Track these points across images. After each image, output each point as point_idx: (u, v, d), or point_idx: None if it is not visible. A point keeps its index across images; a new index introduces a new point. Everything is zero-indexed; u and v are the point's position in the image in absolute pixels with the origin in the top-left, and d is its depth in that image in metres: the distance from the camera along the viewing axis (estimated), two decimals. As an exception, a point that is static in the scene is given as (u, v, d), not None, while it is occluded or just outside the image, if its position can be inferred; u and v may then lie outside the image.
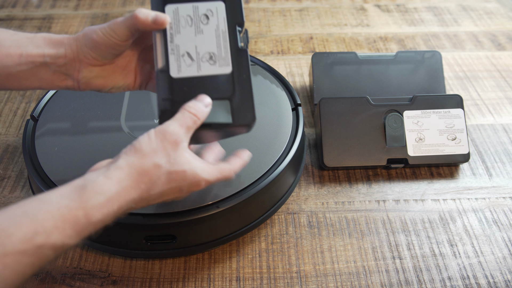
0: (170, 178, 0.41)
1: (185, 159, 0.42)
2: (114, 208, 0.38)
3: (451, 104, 0.65)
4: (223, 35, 0.46)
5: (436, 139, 0.63)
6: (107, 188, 0.37)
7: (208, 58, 0.46)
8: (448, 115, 0.64)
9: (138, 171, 0.39)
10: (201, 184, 0.43)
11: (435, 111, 0.64)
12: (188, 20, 0.46)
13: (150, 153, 0.40)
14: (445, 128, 0.63)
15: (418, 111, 0.64)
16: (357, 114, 0.63)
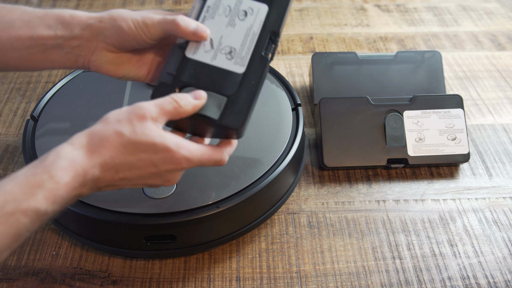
0: (136, 148, 0.39)
1: (154, 131, 0.39)
2: (79, 171, 0.37)
3: (451, 104, 0.65)
4: (252, 36, 0.45)
5: (436, 139, 0.63)
6: (69, 152, 0.37)
7: (227, 52, 0.45)
8: (448, 115, 0.64)
9: (99, 136, 0.38)
10: (181, 162, 0.41)
11: (435, 111, 0.64)
12: (226, 10, 0.46)
13: (113, 122, 0.39)
14: (445, 128, 0.63)
15: (418, 111, 0.64)
16: (357, 114, 0.64)
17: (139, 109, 0.40)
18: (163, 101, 0.41)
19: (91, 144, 0.38)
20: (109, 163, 0.38)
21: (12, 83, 0.80)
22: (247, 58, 0.45)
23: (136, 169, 0.40)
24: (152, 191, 0.52)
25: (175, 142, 0.40)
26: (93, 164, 0.38)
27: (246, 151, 0.57)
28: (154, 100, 0.41)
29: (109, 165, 0.39)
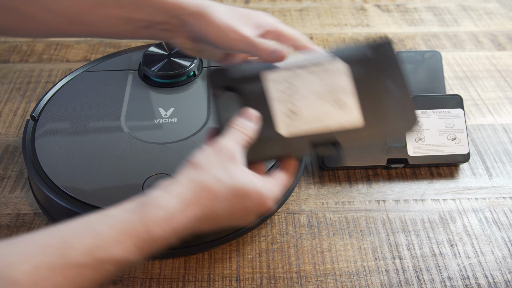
0: (233, 194, 0.39)
1: (244, 174, 0.40)
2: (174, 224, 0.36)
3: (451, 104, 0.65)
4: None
5: (436, 139, 0.63)
6: (167, 202, 0.36)
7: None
8: (448, 115, 0.64)
9: (198, 184, 0.38)
10: (268, 203, 0.41)
11: (435, 111, 0.64)
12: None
13: (208, 167, 0.39)
14: (445, 128, 0.63)
15: (418, 111, 0.64)
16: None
17: (226, 149, 0.40)
18: (236, 135, 0.42)
19: (190, 193, 0.37)
20: (209, 214, 0.38)
21: (12, 83, 0.80)
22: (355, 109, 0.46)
23: (231, 216, 0.40)
24: (152, 191, 0.52)
25: (262, 185, 0.41)
26: (192, 216, 0.37)
27: (246, 151, 0.57)
28: (229, 137, 0.42)
29: (208, 215, 0.38)
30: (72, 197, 0.52)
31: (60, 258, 0.31)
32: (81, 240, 0.32)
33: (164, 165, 0.55)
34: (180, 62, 0.67)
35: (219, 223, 0.40)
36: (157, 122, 0.61)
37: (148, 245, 0.35)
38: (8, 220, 0.59)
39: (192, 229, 0.38)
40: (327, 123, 0.45)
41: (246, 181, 0.40)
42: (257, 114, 0.44)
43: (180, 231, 0.37)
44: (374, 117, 0.45)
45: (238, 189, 0.39)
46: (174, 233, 0.36)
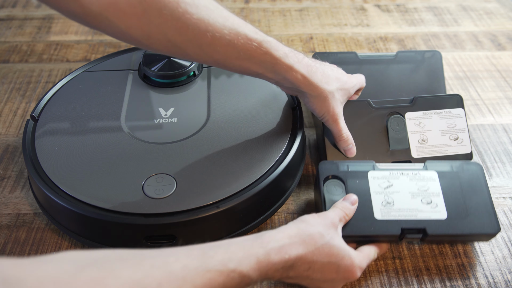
0: (330, 252, 0.46)
1: (340, 241, 0.48)
2: (285, 257, 0.42)
3: (451, 104, 0.65)
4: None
5: (439, 140, 0.63)
6: (280, 238, 0.43)
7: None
8: (449, 115, 0.64)
9: (305, 232, 0.45)
10: (356, 271, 0.48)
11: (436, 111, 0.64)
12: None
13: (315, 224, 0.47)
14: (447, 129, 0.63)
15: (420, 112, 0.63)
16: (358, 118, 0.63)
17: (330, 218, 0.49)
18: (338, 213, 0.51)
19: (297, 236, 0.44)
20: (308, 257, 0.44)
21: (12, 83, 0.80)
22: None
23: (324, 270, 0.46)
24: (152, 191, 0.52)
25: (354, 253, 0.49)
26: (296, 255, 0.43)
27: (246, 151, 0.57)
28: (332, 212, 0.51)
29: (308, 259, 0.44)
30: (72, 197, 0.52)
31: (201, 263, 0.37)
32: (217, 252, 0.39)
33: (164, 165, 0.55)
34: (180, 62, 0.67)
35: (313, 275, 0.45)
36: (157, 122, 0.61)
37: (266, 267, 0.41)
38: (8, 220, 0.59)
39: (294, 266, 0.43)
40: (416, 215, 0.53)
41: (342, 245, 0.47)
42: (356, 199, 0.53)
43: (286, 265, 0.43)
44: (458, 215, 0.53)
45: (335, 248, 0.46)
46: (283, 264, 0.42)
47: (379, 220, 0.53)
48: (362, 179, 0.56)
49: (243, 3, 1.02)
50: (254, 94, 0.65)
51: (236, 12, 0.98)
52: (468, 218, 0.53)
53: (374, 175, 0.56)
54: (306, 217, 0.48)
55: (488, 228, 0.53)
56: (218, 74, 0.69)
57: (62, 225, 0.55)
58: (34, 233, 0.58)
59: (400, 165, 0.57)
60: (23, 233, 0.58)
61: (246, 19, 0.97)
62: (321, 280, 0.46)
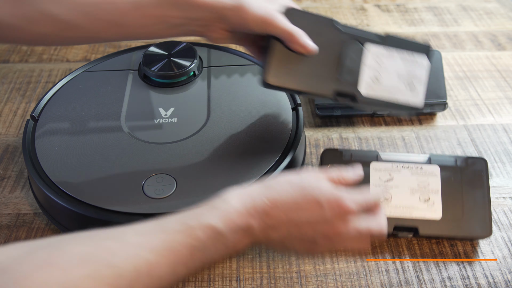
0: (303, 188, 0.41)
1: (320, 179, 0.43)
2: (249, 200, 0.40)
3: (419, 50, 0.58)
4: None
5: (393, 83, 0.55)
6: (238, 189, 0.41)
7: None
8: (411, 60, 0.57)
9: (267, 182, 0.42)
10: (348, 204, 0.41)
11: (399, 51, 0.57)
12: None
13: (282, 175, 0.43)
14: (405, 73, 0.56)
15: (382, 48, 0.56)
16: (317, 35, 0.54)
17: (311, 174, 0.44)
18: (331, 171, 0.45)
19: (259, 185, 0.42)
20: (277, 199, 0.40)
21: (12, 83, 0.80)
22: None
23: (303, 210, 0.41)
24: (152, 191, 0.52)
25: (338, 190, 0.42)
26: (261, 197, 0.40)
27: (246, 151, 0.57)
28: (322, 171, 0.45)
29: (277, 201, 0.40)
30: (72, 197, 0.52)
31: (157, 226, 0.36)
32: (174, 216, 0.38)
33: (164, 165, 0.55)
34: (180, 62, 0.67)
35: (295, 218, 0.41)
36: (157, 122, 0.61)
37: (229, 216, 0.38)
38: (8, 220, 0.59)
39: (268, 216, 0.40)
40: (411, 212, 0.53)
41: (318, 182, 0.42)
42: (362, 174, 0.47)
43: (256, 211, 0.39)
44: (453, 217, 0.53)
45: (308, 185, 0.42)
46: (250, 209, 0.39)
47: None
48: (363, 170, 0.52)
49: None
50: (254, 94, 0.65)
51: (236, 12, 0.98)
52: (463, 219, 0.53)
53: (376, 167, 0.55)
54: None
55: (480, 231, 0.53)
56: (218, 74, 0.69)
57: (62, 225, 0.55)
58: (34, 233, 0.58)
59: (403, 156, 0.56)
60: (23, 233, 0.58)
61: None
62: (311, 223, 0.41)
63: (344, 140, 0.70)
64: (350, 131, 0.72)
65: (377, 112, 0.72)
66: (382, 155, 0.56)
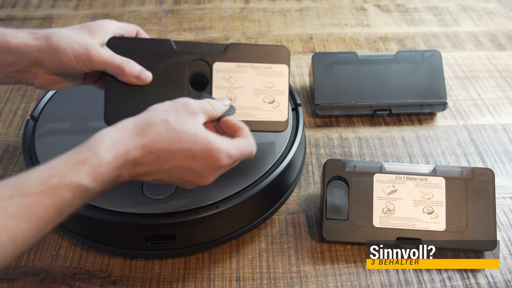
0: (178, 137, 0.40)
1: (197, 125, 0.42)
2: (121, 151, 0.38)
3: (275, 58, 0.52)
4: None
5: (250, 101, 0.52)
6: (113, 133, 0.39)
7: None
8: (269, 71, 0.52)
9: (144, 121, 0.40)
10: (222, 157, 0.42)
11: (253, 65, 0.52)
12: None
13: (160, 111, 0.42)
14: (262, 88, 0.52)
15: (233, 64, 0.51)
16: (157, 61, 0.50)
17: (186, 103, 0.43)
18: (204, 102, 0.44)
19: (135, 127, 0.40)
20: (151, 146, 0.40)
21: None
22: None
23: (176, 158, 0.41)
24: (152, 191, 0.52)
25: (214, 138, 0.42)
26: (135, 146, 0.39)
27: (246, 151, 0.57)
28: (196, 100, 0.44)
29: (151, 149, 0.40)
30: (72, 197, 0.52)
31: (17, 189, 0.34)
32: (36, 173, 0.35)
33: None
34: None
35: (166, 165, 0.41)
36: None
37: (99, 171, 0.37)
38: (8, 220, 0.59)
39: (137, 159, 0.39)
40: (414, 224, 0.54)
41: (197, 130, 0.41)
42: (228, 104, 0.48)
43: (126, 159, 0.39)
44: (457, 229, 0.54)
45: (184, 133, 0.41)
46: (122, 161, 0.38)
47: (377, 228, 0.54)
48: (367, 182, 0.56)
49: (243, 3, 1.02)
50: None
51: (236, 12, 0.98)
52: (466, 231, 0.54)
53: (379, 178, 0.56)
54: (154, 106, 0.43)
55: (484, 244, 0.54)
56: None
57: (62, 225, 0.55)
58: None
59: (408, 167, 0.57)
60: (23, 233, 0.58)
61: (246, 19, 0.97)
62: (179, 171, 0.42)
63: (344, 140, 0.70)
64: (350, 131, 0.72)
65: (377, 113, 0.72)
66: (386, 166, 0.56)
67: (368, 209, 0.55)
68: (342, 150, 0.69)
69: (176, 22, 0.95)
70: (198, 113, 0.43)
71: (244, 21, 0.96)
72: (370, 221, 0.55)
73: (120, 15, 0.97)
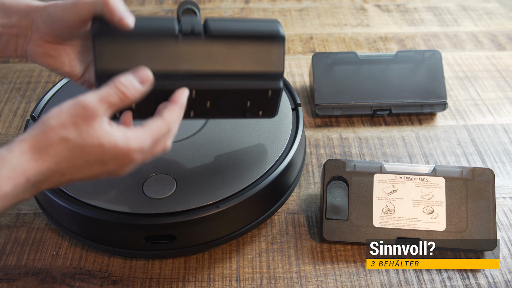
0: (84, 152, 0.37)
1: (101, 131, 0.38)
2: (20, 180, 0.36)
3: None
4: None
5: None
6: (9, 160, 0.36)
7: None
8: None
9: (41, 143, 0.37)
10: (133, 156, 0.39)
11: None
12: None
13: (57, 127, 0.37)
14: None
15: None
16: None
17: (84, 109, 0.37)
18: (107, 93, 0.39)
19: (31, 151, 0.36)
20: (54, 169, 0.37)
21: (12, 83, 0.80)
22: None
23: (84, 169, 0.39)
24: (152, 191, 0.52)
25: (122, 138, 0.39)
26: (35, 171, 0.36)
27: (246, 151, 0.57)
28: (97, 93, 0.38)
29: (54, 170, 0.37)
30: (72, 197, 0.52)
31: None
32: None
33: (164, 165, 0.55)
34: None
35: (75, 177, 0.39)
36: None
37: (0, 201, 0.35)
38: (8, 220, 0.59)
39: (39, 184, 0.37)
40: (414, 224, 0.54)
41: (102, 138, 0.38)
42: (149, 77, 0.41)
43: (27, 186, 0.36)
44: (457, 229, 0.54)
45: (91, 148, 0.37)
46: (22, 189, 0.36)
47: (377, 228, 0.54)
48: (367, 182, 0.56)
49: (243, 3, 1.02)
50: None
51: (236, 12, 0.98)
52: (466, 231, 0.54)
53: (379, 178, 0.56)
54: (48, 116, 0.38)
55: (484, 244, 0.54)
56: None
57: (62, 225, 0.55)
58: (34, 233, 0.58)
59: (408, 167, 0.57)
60: (23, 233, 0.58)
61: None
62: (90, 175, 0.40)
63: (344, 140, 0.70)
64: (350, 131, 0.72)
65: (377, 113, 0.73)
66: (386, 166, 0.56)
67: (368, 209, 0.55)
68: (342, 150, 0.69)
69: (176, 22, 0.95)
70: (99, 114, 0.38)
71: (244, 21, 0.96)
72: (370, 221, 0.55)
73: (120, 15, 0.97)
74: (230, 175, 0.54)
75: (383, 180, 0.56)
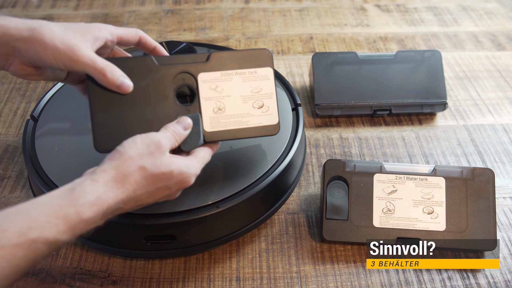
0: (157, 179, 0.43)
1: (170, 160, 0.44)
2: (103, 207, 0.39)
3: (258, 61, 0.51)
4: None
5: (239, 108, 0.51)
6: (95, 189, 0.39)
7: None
8: (254, 76, 0.51)
9: (122, 171, 0.41)
10: (191, 180, 0.46)
11: (238, 72, 0.51)
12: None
13: (136, 157, 0.42)
14: (250, 94, 0.51)
15: (217, 73, 0.50)
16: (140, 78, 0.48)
17: (158, 144, 0.43)
18: (169, 135, 0.45)
19: (114, 180, 0.40)
20: (132, 196, 0.41)
21: (12, 83, 0.80)
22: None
23: (153, 195, 0.43)
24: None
25: (185, 165, 0.45)
26: (116, 200, 0.40)
27: (246, 151, 0.57)
28: (163, 133, 0.45)
29: (131, 198, 0.41)
30: (72, 197, 0.52)
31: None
32: (14, 223, 0.35)
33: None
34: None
35: (144, 202, 0.43)
36: None
37: (78, 226, 0.38)
38: (8, 220, 0.59)
39: (117, 210, 0.41)
40: (414, 224, 0.54)
41: (172, 166, 0.43)
42: (190, 123, 0.48)
43: (106, 213, 0.40)
44: (457, 229, 0.54)
45: (163, 175, 0.43)
46: (101, 215, 0.39)
47: (377, 228, 0.54)
48: (367, 182, 0.56)
49: (243, 3, 1.02)
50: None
51: (236, 12, 0.98)
52: (466, 231, 0.54)
53: (379, 178, 0.56)
54: (125, 148, 0.42)
55: (484, 244, 0.54)
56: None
57: (62, 225, 0.55)
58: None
59: (408, 167, 0.57)
60: (23, 233, 0.58)
61: (246, 19, 0.97)
62: (155, 200, 0.44)
63: (344, 140, 0.70)
64: (350, 131, 0.72)
65: (377, 113, 0.73)
66: (386, 166, 0.56)
67: (368, 209, 0.55)
68: (342, 150, 0.69)
69: (176, 22, 0.95)
70: (168, 148, 0.44)
71: (244, 21, 0.96)
72: (370, 221, 0.55)
73: (120, 15, 0.97)
74: (230, 175, 0.54)
75: (383, 180, 0.56)
